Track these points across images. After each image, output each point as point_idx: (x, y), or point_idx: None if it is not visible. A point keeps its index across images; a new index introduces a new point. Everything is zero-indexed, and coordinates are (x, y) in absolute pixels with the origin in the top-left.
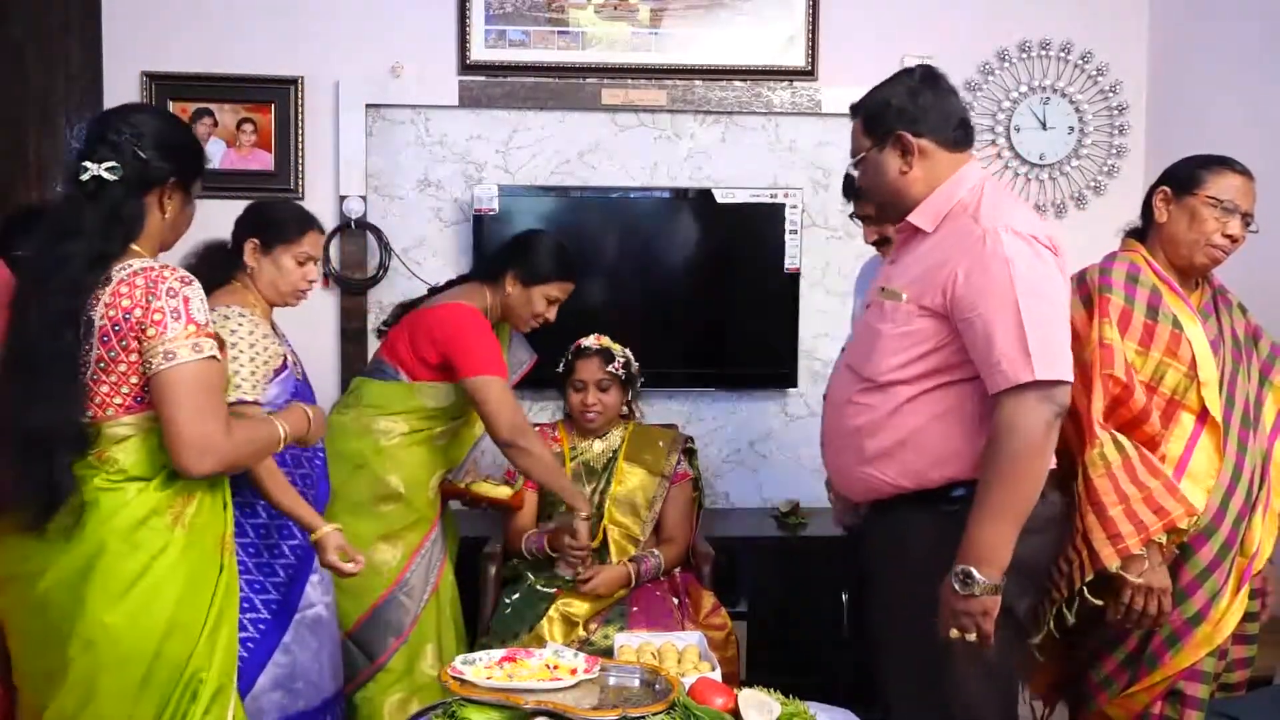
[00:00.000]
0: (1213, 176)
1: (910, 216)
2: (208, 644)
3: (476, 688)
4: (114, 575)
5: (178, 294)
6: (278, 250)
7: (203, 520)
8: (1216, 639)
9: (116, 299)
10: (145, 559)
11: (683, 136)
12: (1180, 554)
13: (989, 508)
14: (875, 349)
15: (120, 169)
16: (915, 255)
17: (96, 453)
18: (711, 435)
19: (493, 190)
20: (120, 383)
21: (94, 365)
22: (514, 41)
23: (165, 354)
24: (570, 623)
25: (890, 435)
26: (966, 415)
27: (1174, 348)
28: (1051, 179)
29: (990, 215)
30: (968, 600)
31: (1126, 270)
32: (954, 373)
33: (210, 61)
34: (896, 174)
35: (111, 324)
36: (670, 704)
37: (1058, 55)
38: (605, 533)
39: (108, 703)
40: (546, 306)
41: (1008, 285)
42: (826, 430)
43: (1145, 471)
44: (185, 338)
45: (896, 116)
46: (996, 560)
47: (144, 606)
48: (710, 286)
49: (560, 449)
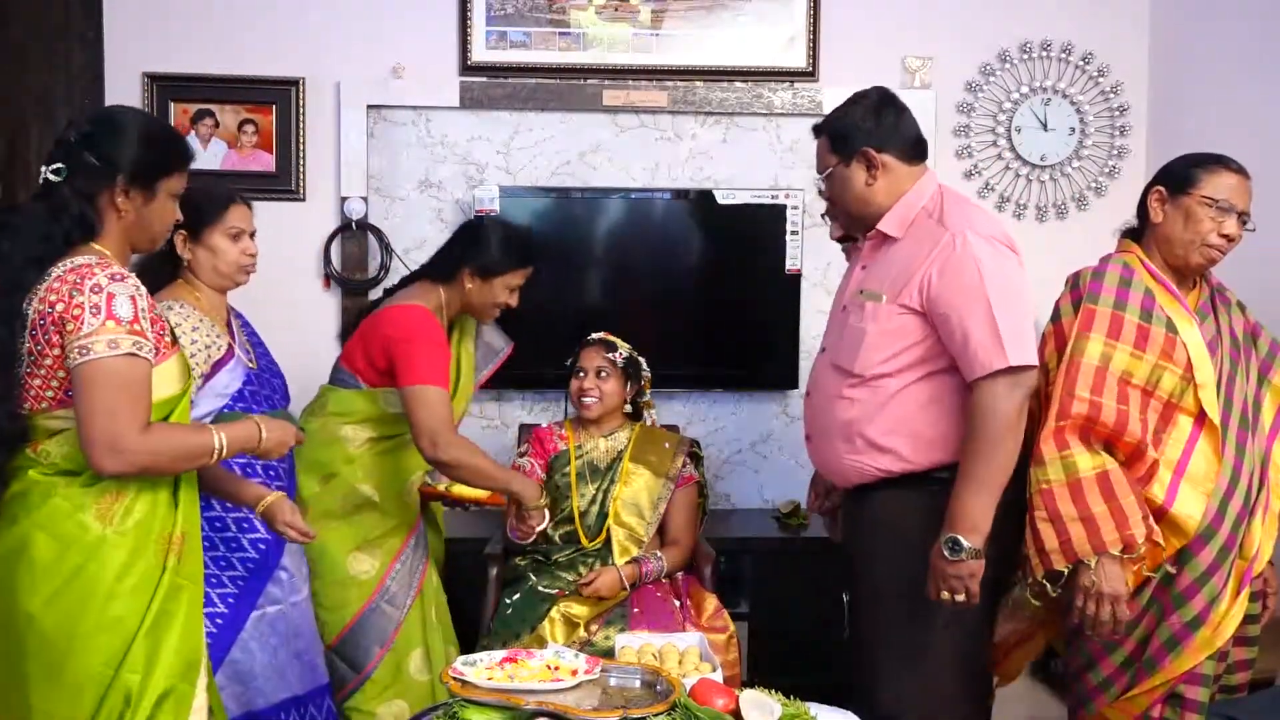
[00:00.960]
0: (1208, 175)
1: (880, 224)
2: (145, 646)
3: (477, 689)
4: (38, 567)
5: (102, 290)
6: (205, 233)
7: (140, 519)
8: (1216, 642)
9: (47, 294)
10: (70, 554)
11: (684, 137)
12: (1179, 558)
13: (972, 482)
14: (861, 346)
15: (64, 170)
16: (888, 259)
17: (32, 445)
18: (712, 436)
19: (494, 191)
20: (50, 376)
21: (26, 359)
22: (515, 43)
23: (80, 349)
24: (571, 624)
25: (882, 425)
26: (948, 403)
27: (1169, 350)
28: (1052, 180)
29: (955, 220)
30: (956, 564)
31: (1119, 274)
32: (934, 363)
33: (211, 62)
34: (863, 187)
35: (39, 317)
36: (671, 705)
37: (1059, 56)
38: (609, 534)
39: (37, 695)
40: (509, 295)
41: (978, 283)
42: (814, 424)
43: (1098, 495)
44: (102, 334)
45: (862, 135)
46: (980, 528)
47: (69, 601)
48: (711, 287)
49: (566, 447)
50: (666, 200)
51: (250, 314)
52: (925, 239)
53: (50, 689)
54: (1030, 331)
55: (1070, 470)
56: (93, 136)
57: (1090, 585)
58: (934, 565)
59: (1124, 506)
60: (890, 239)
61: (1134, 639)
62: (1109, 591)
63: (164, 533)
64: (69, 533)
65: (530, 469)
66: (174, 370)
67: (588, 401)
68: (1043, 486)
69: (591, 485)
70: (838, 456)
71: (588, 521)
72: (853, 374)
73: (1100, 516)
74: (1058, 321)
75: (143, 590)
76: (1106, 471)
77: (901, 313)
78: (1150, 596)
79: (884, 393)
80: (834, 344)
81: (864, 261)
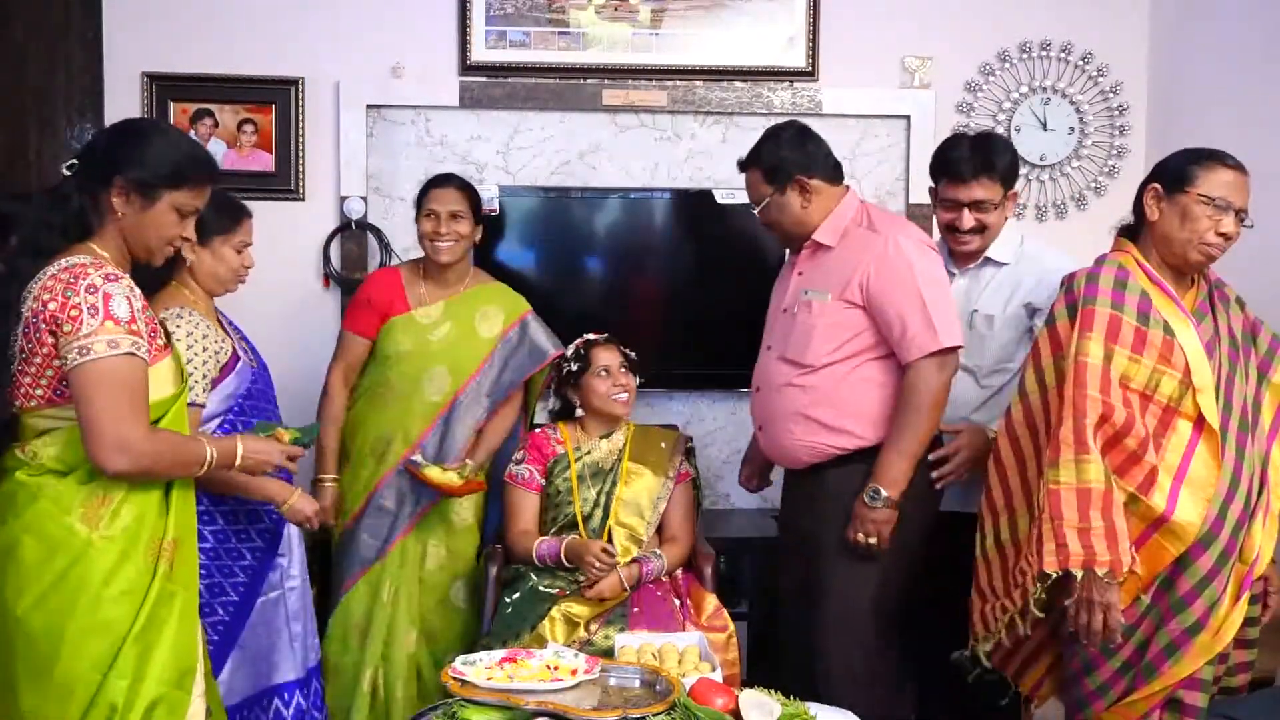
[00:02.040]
0: (1204, 173)
1: (817, 236)
2: (134, 651)
3: (477, 688)
4: (25, 569)
5: (98, 290)
6: (215, 242)
7: (128, 524)
8: (1216, 648)
9: (41, 292)
10: (57, 557)
11: (683, 137)
12: (1179, 563)
13: (899, 446)
14: (811, 339)
15: (74, 166)
16: (825, 264)
17: (20, 445)
18: (712, 436)
19: (493, 191)
20: (39, 374)
21: (18, 356)
22: (514, 42)
23: (80, 349)
24: (572, 624)
25: (834, 408)
26: (890, 385)
27: (1167, 354)
28: (1052, 180)
29: (885, 226)
30: (874, 511)
31: (1114, 276)
32: (875, 350)
33: (211, 62)
34: (799, 210)
35: (32, 315)
36: (671, 704)
37: (1058, 56)
38: (610, 534)
39: (26, 697)
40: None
41: (911, 278)
42: (764, 414)
43: (1097, 509)
44: (102, 334)
45: (791, 165)
46: (899, 484)
47: (56, 604)
48: (711, 287)
49: (564, 450)
50: (666, 200)
51: (250, 313)
52: (859, 244)
53: (38, 692)
54: (957, 317)
55: (1082, 475)
56: (108, 137)
57: (1083, 593)
58: (856, 511)
59: (1116, 528)
60: (825, 247)
61: (1132, 644)
62: (1100, 600)
63: (154, 538)
64: (55, 535)
65: (528, 478)
66: (168, 372)
67: (624, 398)
68: (1051, 487)
69: (593, 488)
70: (792, 440)
71: (591, 525)
72: (804, 365)
73: (1095, 532)
74: (1052, 325)
75: (131, 595)
76: (1110, 490)
77: (846, 307)
78: (1149, 602)
79: (833, 378)
80: (781, 341)
81: (800, 269)
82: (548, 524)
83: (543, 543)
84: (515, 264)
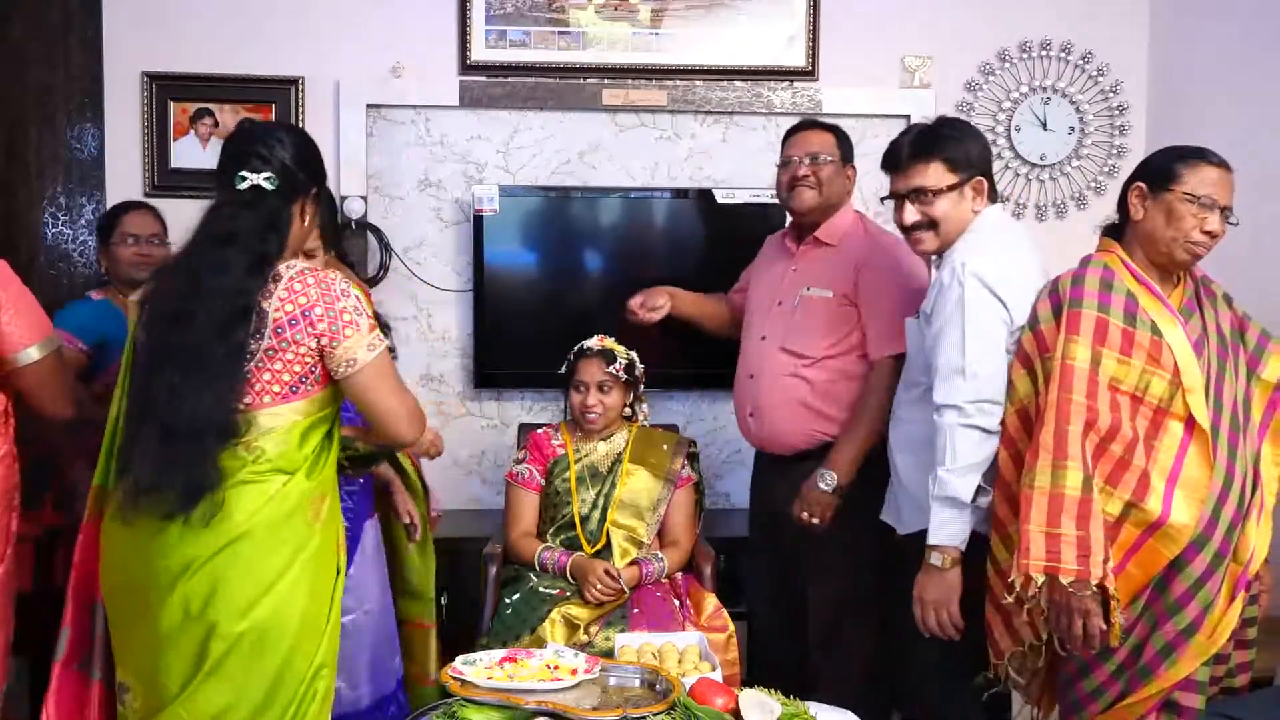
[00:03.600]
0: (1188, 171)
1: (819, 234)
2: (329, 642)
3: (477, 688)
4: (258, 568)
5: (349, 295)
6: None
7: (330, 518)
8: (1211, 649)
9: (292, 295)
10: (288, 554)
11: (683, 136)
12: (1173, 566)
13: (854, 436)
14: (814, 333)
15: (276, 179)
16: (826, 263)
17: (244, 442)
18: (712, 435)
19: (493, 190)
20: (282, 371)
21: (261, 354)
22: (514, 42)
23: (348, 361)
24: (572, 625)
25: (828, 397)
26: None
27: (1155, 355)
28: (1052, 179)
29: (879, 232)
30: (820, 494)
31: (1100, 277)
32: (864, 346)
33: (210, 61)
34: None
35: (288, 318)
36: (671, 704)
37: (1058, 55)
38: (609, 535)
39: (246, 696)
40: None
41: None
42: (760, 401)
43: (1071, 516)
44: (369, 335)
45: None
46: (848, 471)
47: (284, 601)
48: (711, 286)
49: (564, 452)
50: (666, 199)
51: None
52: (860, 246)
53: (262, 690)
54: None
55: (1058, 481)
56: (290, 150)
57: (1059, 599)
58: (804, 490)
59: (1091, 540)
60: (826, 245)
61: (1127, 647)
62: (1077, 607)
63: (340, 533)
64: (288, 534)
65: (529, 477)
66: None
67: (592, 418)
68: (1025, 491)
69: (592, 490)
70: (787, 426)
71: (589, 527)
72: (805, 356)
73: (1065, 539)
74: (1036, 328)
75: (328, 588)
76: (1090, 499)
77: (843, 304)
78: (1143, 605)
79: (829, 370)
80: (781, 333)
81: (795, 264)
82: (546, 524)
83: (546, 552)
84: (515, 264)
